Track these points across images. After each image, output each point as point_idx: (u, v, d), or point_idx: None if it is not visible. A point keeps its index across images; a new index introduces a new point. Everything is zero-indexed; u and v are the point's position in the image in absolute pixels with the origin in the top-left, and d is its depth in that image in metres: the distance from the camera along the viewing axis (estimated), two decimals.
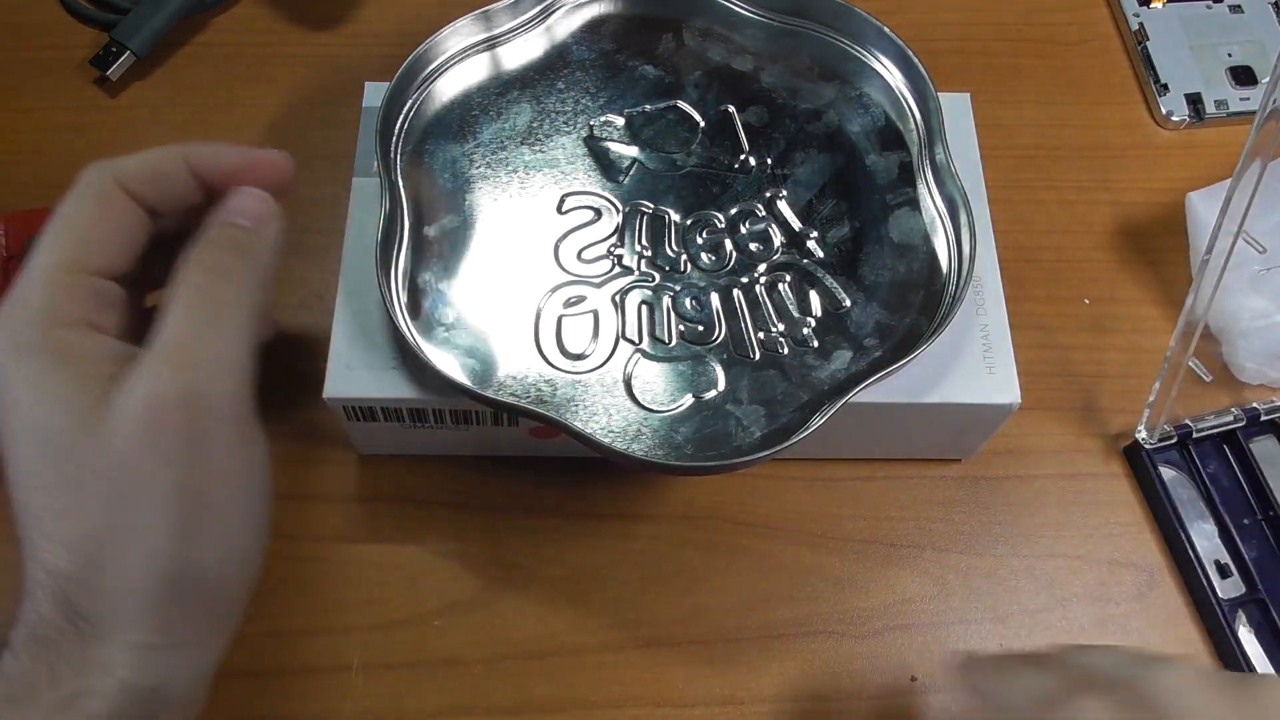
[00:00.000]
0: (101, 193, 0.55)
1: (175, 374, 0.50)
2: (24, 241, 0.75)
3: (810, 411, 0.62)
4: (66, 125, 0.85)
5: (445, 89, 0.72)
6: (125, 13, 0.86)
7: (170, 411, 0.50)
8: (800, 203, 0.69)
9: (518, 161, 0.70)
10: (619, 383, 0.64)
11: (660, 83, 0.73)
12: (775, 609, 0.70)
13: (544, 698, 0.68)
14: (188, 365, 0.51)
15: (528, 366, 0.64)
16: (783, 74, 0.74)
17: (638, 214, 0.69)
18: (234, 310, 0.54)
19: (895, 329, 0.66)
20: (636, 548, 0.72)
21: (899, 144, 0.71)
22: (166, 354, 0.50)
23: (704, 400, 0.63)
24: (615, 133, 0.71)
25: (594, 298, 0.66)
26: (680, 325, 0.65)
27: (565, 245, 0.67)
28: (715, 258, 0.68)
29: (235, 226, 0.57)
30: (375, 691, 0.67)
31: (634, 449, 0.62)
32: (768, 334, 0.65)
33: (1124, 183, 0.85)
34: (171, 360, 0.50)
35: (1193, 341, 0.69)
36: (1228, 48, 0.89)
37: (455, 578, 0.70)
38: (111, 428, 0.49)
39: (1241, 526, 0.73)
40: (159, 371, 0.50)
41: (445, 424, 0.68)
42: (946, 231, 0.68)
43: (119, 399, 0.49)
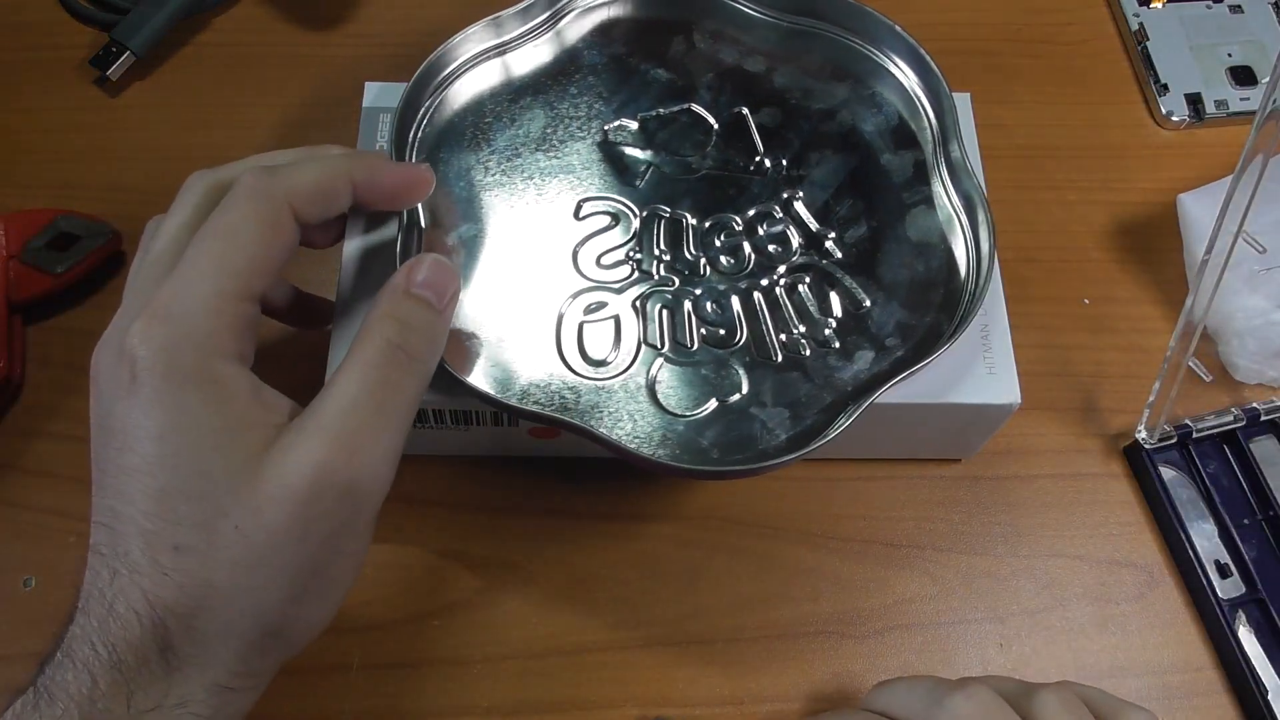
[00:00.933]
0: (274, 216, 0.53)
1: (343, 460, 0.49)
2: (24, 241, 0.75)
3: (835, 412, 0.62)
4: (66, 125, 0.84)
5: (458, 96, 0.71)
6: (125, 13, 0.85)
7: (329, 498, 0.49)
8: (817, 203, 0.69)
9: (533, 168, 0.69)
10: (643, 388, 0.63)
11: (673, 86, 0.73)
12: (775, 609, 0.71)
13: (544, 698, 0.68)
14: (356, 454, 0.50)
15: (550, 374, 0.63)
16: (795, 75, 0.74)
17: (655, 218, 0.68)
18: (410, 399, 0.53)
19: (916, 328, 0.66)
20: (637, 548, 0.72)
21: (913, 142, 0.71)
22: (338, 436, 0.49)
23: (728, 404, 0.63)
24: (629, 137, 0.71)
25: (615, 303, 0.66)
26: (702, 329, 0.65)
27: (584, 251, 0.67)
28: (734, 260, 0.67)
29: (421, 302, 0.55)
30: (375, 691, 0.67)
31: (659, 454, 0.61)
32: (789, 336, 0.65)
33: (1124, 183, 0.86)
34: (342, 445, 0.49)
35: (1192, 341, 0.69)
36: (1228, 48, 0.90)
37: (455, 578, 0.70)
38: (266, 491, 0.48)
39: (1241, 526, 0.73)
40: (327, 453, 0.49)
41: (445, 424, 0.67)
42: (964, 229, 0.68)
43: (280, 465, 0.48)
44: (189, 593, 0.47)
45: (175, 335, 0.49)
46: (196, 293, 0.50)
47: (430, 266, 0.56)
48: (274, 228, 0.53)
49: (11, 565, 0.69)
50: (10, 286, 0.74)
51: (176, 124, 0.85)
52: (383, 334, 0.53)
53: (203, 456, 0.48)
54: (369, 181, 0.58)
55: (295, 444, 0.49)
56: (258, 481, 0.48)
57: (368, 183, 0.58)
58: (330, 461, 0.49)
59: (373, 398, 0.51)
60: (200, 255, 0.51)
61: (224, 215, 0.52)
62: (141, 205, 0.79)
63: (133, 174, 0.82)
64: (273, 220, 0.53)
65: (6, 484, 0.71)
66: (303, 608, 0.51)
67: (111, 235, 0.77)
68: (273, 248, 0.53)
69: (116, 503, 0.48)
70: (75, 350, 0.75)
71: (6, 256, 0.74)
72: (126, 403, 0.49)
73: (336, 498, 0.49)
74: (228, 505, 0.48)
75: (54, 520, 0.70)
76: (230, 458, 0.48)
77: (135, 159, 0.83)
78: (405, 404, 0.53)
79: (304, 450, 0.49)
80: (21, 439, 0.73)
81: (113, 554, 0.48)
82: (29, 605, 0.68)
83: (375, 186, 0.58)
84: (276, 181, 0.54)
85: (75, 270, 0.76)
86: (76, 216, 0.77)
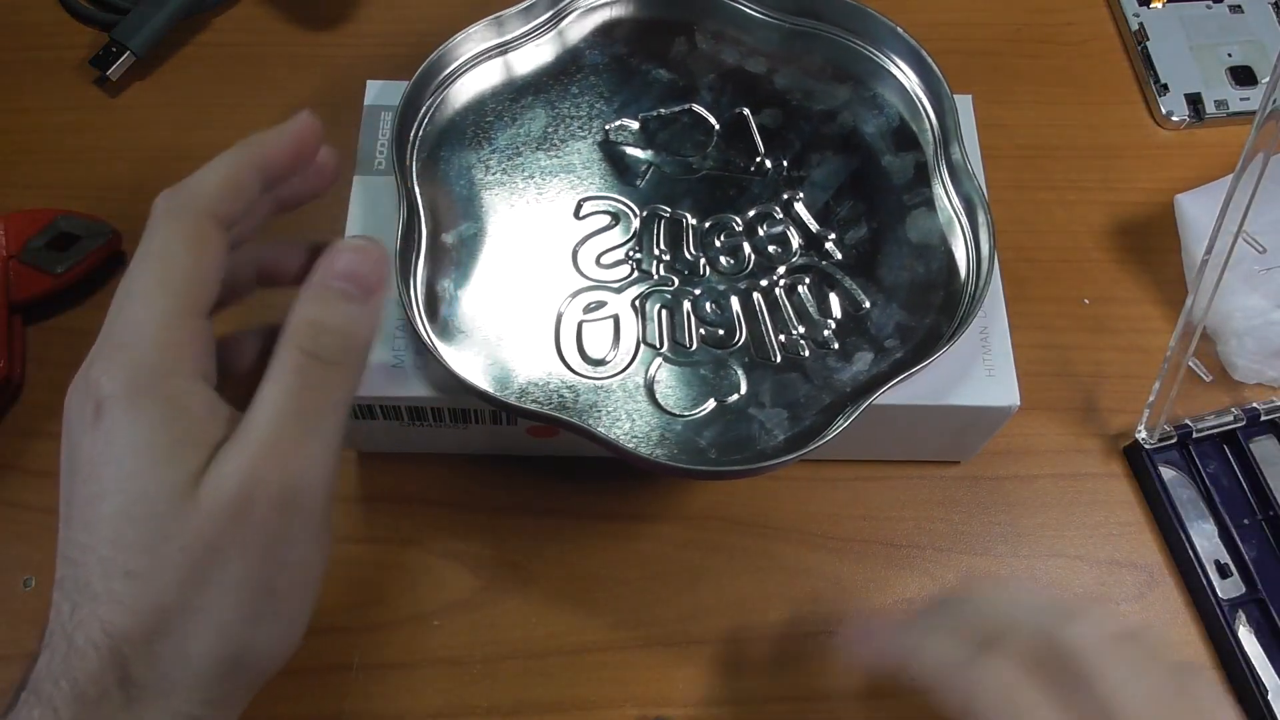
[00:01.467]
0: (195, 229, 0.52)
1: (269, 469, 0.49)
2: (24, 241, 0.75)
3: (833, 414, 0.62)
4: (66, 125, 0.85)
5: (459, 95, 0.72)
6: (125, 13, 0.86)
7: (260, 506, 0.48)
8: (817, 204, 0.69)
9: (533, 167, 0.70)
10: (641, 388, 0.63)
11: (674, 86, 0.73)
12: (775, 609, 0.71)
13: (544, 698, 0.68)
14: (282, 462, 0.49)
15: (549, 373, 0.63)
16: (796, 75, 0.74)
17: (655, 218, 0.68)
18: (334, 403, 0.52)
19: (915, 329, 0.66)
20: (637, 548, 0.72)
21: (914, 144, 0.71)
22: (263, 446, 0.49)
23: (727, 404, 0.63)
24: (630, 137, 0.71)
25: (614, 303, 0.66)
26: (701, 329, 0.65)
27: (584, 250, 0.67)
28: (734, 261, 0.68)
29: (339, 296, 0.53)
30: (375, 691, 0.67)
31: (657, 454, 0.61)
32: (789, 336, 0.65)
33: (1124, 183, 0.86)
34: (268, 454, 0.49)
35: (1192, 341, 0.69)
36: (1228, 48, 0.90)
37: (455, 578, 0.70)
38: (203, 507, 0.47)
39: (1241, 526, 0.73)
40: (255, 462, 0.48)
41: (444, 423, 0.67)
42: (964, 231, 0.68)
43: (214, 479, 0.48)
44: (142, 618, 0.47)
45: (134, 361, 0.49)
46: (144, 318, 0.50)
47: (350, 254, 0.54)
48: (199, 240, 0.52)
49: (11, 565, 0.69)
50: (10, 286, 0.74)
51: (176, 124, 0.85)
52: (294, 341, 0.52)
53: (149, 478, 0.48)
54: (270, 153, 0.56)
55: (227, 457, 0.48)
56: (196, 498, 0.48)
57: (270, 155, 0.55)
58: (258, 470, 0.48)
59: (293, 404, 0.50)
60: (136, 282, 0.51)
61: (150, 242, 0.52)
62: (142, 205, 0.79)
63: (133, 174, 0.82)
64: (196, 233, 0.52)
65: (6, 484, 0.71)
66: (259, 630, 0.50)
67: (111, 235, 0.77)
68: (205, 258, 0.52)
69: (81, 534, 0.48)
70: (75, 350, 0.73)
71: (6, 256, 0.74)
72: (91, 435, 0.48)
73: (269, 506, 0.49)
74: (170, 526, 0.47)
75: (54, 520, 0.69)
76: (174, 477, 0.48)
77: (135, 159, 0.83)
78: (331, 406, 0.52)
79: (233, 462, 0.48)
80: (21, 439, 0.73)
81: (74, 587, 0.48)
82: (29, 605, 0.68)
83: (277, 154, 0.56)
84: (186, 195, 0.53)
85: (75, 270, 0.76)
86: (76, 216, 0.77)
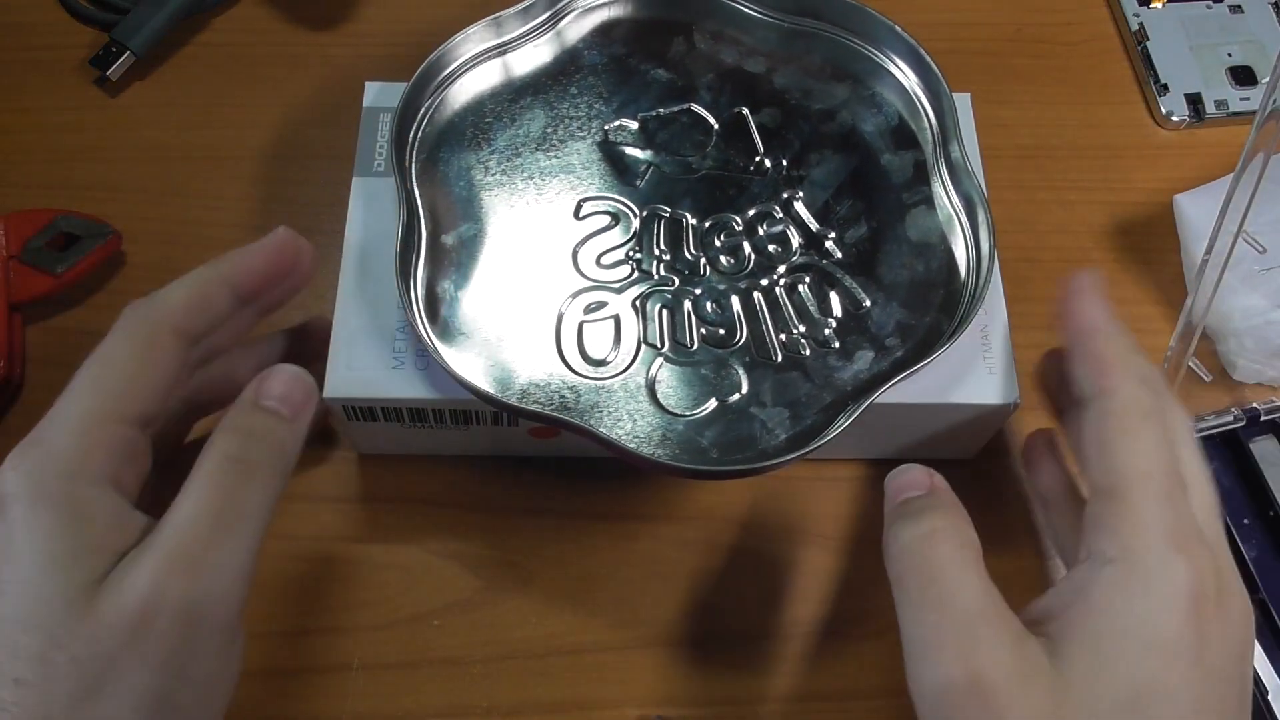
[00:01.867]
0: (147, 338, 0.53)
1: (176, 580, 0.48)
2: (24, 241, 0.75)
3: (834, 412, 0.62)
4: (66, 125, 0.84)
5: (458, 96, 0.72)
6: (125, 13, 0.85)
7: (163, 619, 0.47)
8: (817, 203, 0.69)
9: (533, 167, 0.70)
10: (642, 388, 0.63)
11: (673, 86, 0.73)
12: (776, 609, 0.71)
13: (544, 698, 0.68)
14: (190, 572, 0.48)
15: (550, 373, 0.63)
16: (795, 75, 0.74)
17: (655, 218, 0.68)
18: (252, 513, 0.52)
19: (916, 328, 0.66)
20: (637, 548, 0.72)
21: (913, 142, 0.71)
22: (171, 555, 0.48)
23: (728, 404, 0.63)
24: (630, 137, 0.71)
25: (615, 303, 0.66)
26: (702, 329, 0.65)
27: (584, 251, 0.67)
28: (734, 260, 0.67)
29: (269, 414, 0.54)
30: (375, 691, 0.67)
31: (659, 454, 0.61)
32: (789, 336, 0.65)
33: (1124, 183, 0.86)
34: (175, 564, 0.48)
35: (1192, 342, 0.69)
36: (1228, 48, 0.90)
37: (455, 578, 0.70)
38: (100, 617, 0.47)
39: (1241, 526, 0.73)
40: (160, 573, 0.48)
41: (445, 424, 0.67)
42: (964, 229, 0.68)
43: (115, 588, 0.47)
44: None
45: (41, 460, 0.49)
46: (65, 417, 0.50)
47: (282, 379, 0.55)
48: (149, 348, 0.53)
49: None
50: (10, 286, 0.74)
51: (176, 124, 0.85)
52: (221, 448, 0.52)
53: (43, 583, 0.47)
54: (242, 272, 0.57)
55: (132, 566, 0.48)
56: (92, 608, 0.47)
57: (242, 274, 0.57)
58: (163, 580, 0.47)
59: (210, 512, 0.50)
60: (74, 383, 0.51)
61: (101, 346, 0.53)
62: (141, 205, 0.80)
63: (133, 174, 0.82)
64: (147, 340, 0.53)
65: None
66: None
67: (111, 235, 0.77)
68: (150, 367, 0.52)
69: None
70: (75, 350, 0.74)
71: (6, 256, 0.75)
72: (2, 534, 0.48)
73: (172, 618, 0.48)
74: (61, 635, 0.46)
75: None
76: (70, 584, 0.47)
77: (135, 159, 0.83)
78: (249, 516, 0.52)
79: (138, 571, 0.47)
80: (21, 439, 0.73)
81: None
82: None
83: (250, 273, 0.57)
84: (150, 305, 0.54)
85: (75, 270, 0.75)
86: (76, 216, 0.77)
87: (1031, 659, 0.51)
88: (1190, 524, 0.53)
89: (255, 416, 0.54)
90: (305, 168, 0.82)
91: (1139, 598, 0.51)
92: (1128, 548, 0.52)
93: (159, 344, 0.53)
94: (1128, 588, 0.52)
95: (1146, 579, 0.51)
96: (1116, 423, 0.55)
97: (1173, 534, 0.52)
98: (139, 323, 0.53)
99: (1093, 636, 0.51)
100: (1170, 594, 0.51)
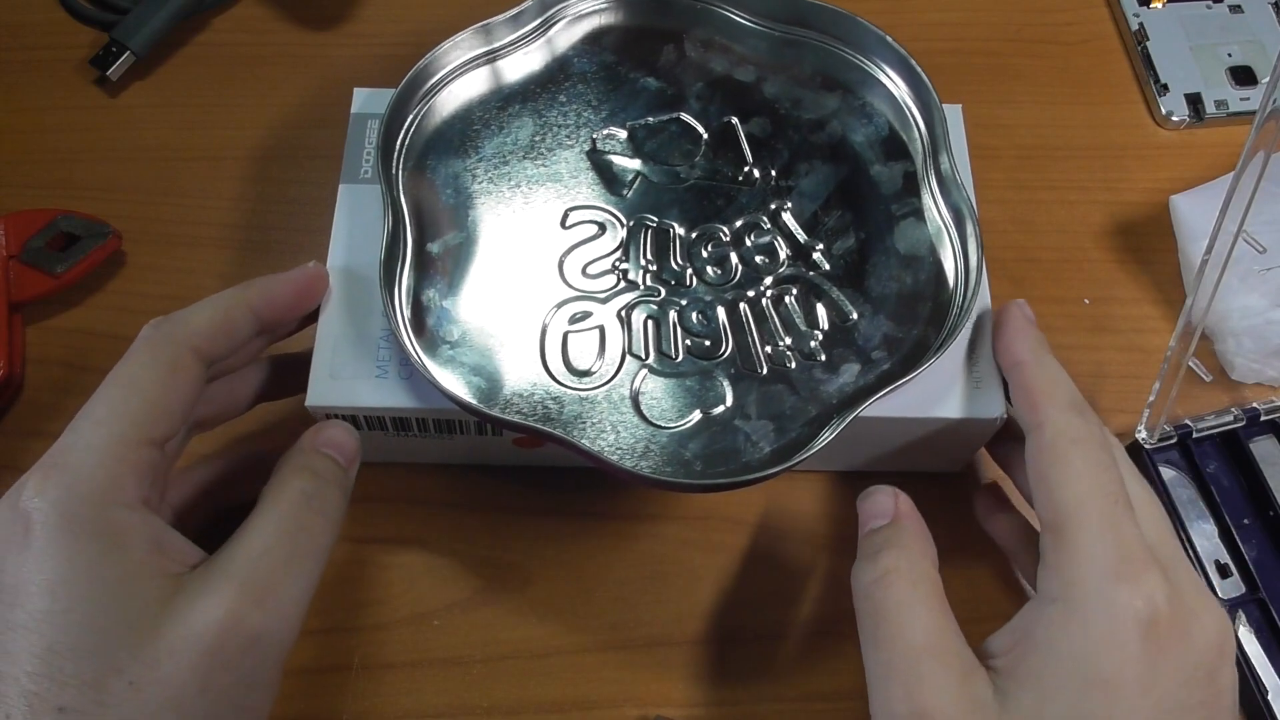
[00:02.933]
0: (172, 360, 0.53)
1: (250, 610, 0.48)
2: (24, 241, 0.75)
3: (819, 426, 0.62)
4: (66, 125, 0.85)
5: (446, 103, 0.72)
6: (125, 13, 0.86)
7: (233, 648, 0.48)
8: (805, 214, 0.69)
9: (520, 176, 0.69)
10: (626, 399, 0.63)
11: (662, 94, 0.73)
12: (775, 609, 0.71)
13: (544, 698, 0.68)
14: (263, 603, 0.49)
15: (534, 384, 0.63)
16: (785, 84, 0.73)
17: (642, 228, 0.68)
18: (319, 550, 0.53)
19: (903, 341, 0.65)
20: (636, 548, 0.72)
21: (903, 154, 0.71)
22: (245, 585, 0.49)
23: (712, 416, 0.63)
24: (618, 146, 0.71)
25: (600, 313, 0.66)
26: (687, 340, 0.65)
27: (570, 260, 0.67)
28: (721, 271, 0.67)
29: (332, 460, 0.56)
30: (375, 691, 0.67)
31: (642, 466, 0.61)
32: (775, 348, 0.65)
33: (1124, 183, 0.85)
34: (250, 594, 0.49)
35: (1192, 341, 0.69)
36: (1228, 48, 0.89)
37: (455, 578, 0.71)
38: (167, 644, 0.47)
39: (1241, 526, 0.73)
40: (234, 602, 0.48)
41: (428, 433, 0.67)
42: (953, 241, 0.68)
43: (184, 614, 0.48)
44: None
45: (69, 486, 0.49)
46: (91, 442, 0.50)
47: (338, 431, 0.58)
48: (173, 370, 0.53)
49: None
50: (10, 286, 0.75)
51: (176, 124, 0.85)
52: (298, 484, 0.53)
53: (95, 611, 0.47)
54: (267, 301, 0.58)
55: (201, 592, 0.48)
56: (157, 633, 0.47)
57: (266, 302, 0.58)
58: (238, 610, 0.48)
59: (286, 545, 0.51)
60: (97, 404, 0.51)
61: (123, 365, 0.53)
62: (141, 205, 0.80)
63: (133, 174, 0.83)
64: (171, 363, 0.53)
65: (7, 484, 0.71)
66: None
67: (111, 235, 0.77)
68: (173, 390, 0.53)
69: (1, 663, 0.47)
70: (75, 350, 0.75)
71: (6, 256, 0.75)
72: (19, 557, 0.48)
73: (241, 648, 0.48)
74: (122, 661, 0.46)
75: None
76: (126, 610, 0.47)
77: (135, 159, 0.83)
78: (317, 554, 0.53)
79: (211, 599, 0.48)
80: (21, 439, 0.74)
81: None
82: None
83: (274, 302, 0.59)
84: (174, 326, 0.55)
85: (75, 270, 0.76)
86: (76, 216, 0.77)
87: (977, 695, 0.52)
88: (1137, 547, 0.53)
89: (320, 460, 0.56)
90: (305, 168, 0.83)
91: (1079, 636, 0.51)
92: (1068, 584, 0.53)
93: (182, 365, 0.54)
94: (1068, 627, 0.52)
95: (1086, 616, 0.52)
96: (1049, 454, 0.56)
97: (1115, 563, 0.52)
98: (163, 343, 0.54)
99: (1036, 675, 0.52)
100: (1112, 629, 0.51)
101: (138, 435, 0.51)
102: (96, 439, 0.50)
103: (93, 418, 0.51)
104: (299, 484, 0.53)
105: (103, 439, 0.50)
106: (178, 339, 0.54)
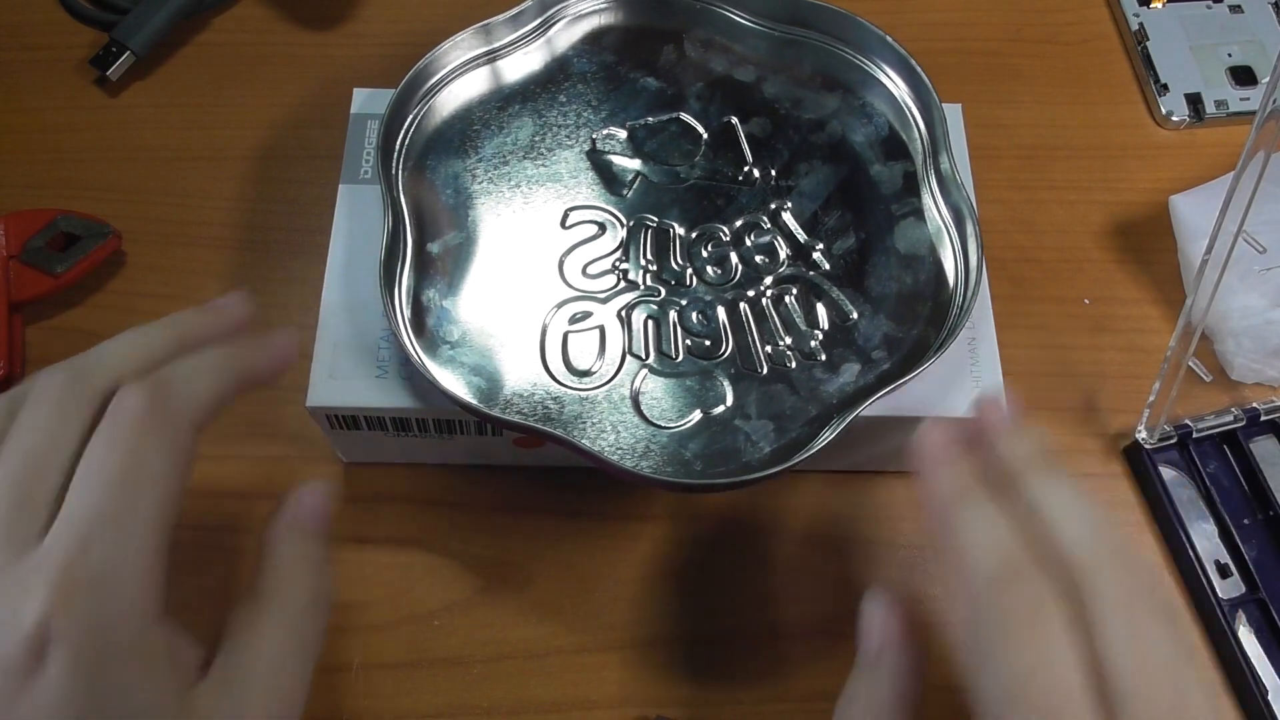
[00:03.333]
0: (185, 445, 0.49)
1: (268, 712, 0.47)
2: (24, 241, 0.75)
3: (820, 426, 0.62)
4: (66, 125, 0.85)
5: (446, 103, 0.72)
6: (125, 13, 0.86)
7: None
8: (805, 214, 0.69)
9: (520, 176, 0.70)
10: (626, 399, 0.63)
11: (662, 94, 0.73)
12: (776, 609, 0.71)
13: (544, 698, 0.68)
14: (281, 706, 0.48)
15: (534, 384, 0.63)
16: (785, 84, 0.73)
17: (642, 228, 0.68)
18: (321, 642, 0.52)
19: (903, 341, 0.65)
20: (636, 548, 0.72)
21: (903, 154, 0.71)
22: (268, 697, 0.48)
23: (712, 415, 0.63)
24: (618, 146, 0.71)
25: (600, 313, 0.66)
26: (687, 340, 0.65)
27: (570, 260, 0.67)
28: (721, 271, 0.67)
29: (322, 540, 0.54)
30: (375, 691, 0.67)
31: (642, 466, 0.61)
32: (775, 347, 0.65)
33: (1124, 183, 0.85)
34: (274, 708, 0.48)
35: (1192, 341, 0.69)
36: (1228, 48, 0.89)
37: (455, 578, 0.71)
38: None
39: (1241, 526, 0.73)
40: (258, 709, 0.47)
41: (429, 433, 0.67)
42: (953, 241, 0.68)
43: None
44: None
45: (108, 610, 0.44)
46: (126, 557, 0.45)
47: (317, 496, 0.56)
48: (185, 456, 0.49)
49: None
50: (10, 286, 0.75)
51: (176, 124, 0.85)
52: (306, 585, 0.52)
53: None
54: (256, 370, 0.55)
55: (219, 711, 0.46)
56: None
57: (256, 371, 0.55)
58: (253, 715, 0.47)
59: (299, 654, 0.50)
60: (125, 507, 0.45)
61: (136, 454, 0.46)
62: (141, 205, 0.80)
63: (133, 174, 0.83)
64: (185, 450, 0.49)
65: None
66: None
67: (111, 235, 0.77)
68: (184, 474, 0.48)
69: None
70: (75, 350, 0.75)
71: (6, 256, 0.75)
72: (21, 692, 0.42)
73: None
74: None
75: None
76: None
77: (135, 159, 0.83)
78: (319, 648, 0.52)
79: (232, 702, 0.46)
80: None
81: None
82: None
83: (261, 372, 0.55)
84: (178, 408, 0.49)
85: (75, 270, 0.76)
86: (76, 216, 0.77)
87: None
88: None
89: (318, 547, 0.54)
90: (305, 168, 0.82)
91: None
92: None
93: (189, 449, 0.49)
94: None
95: None
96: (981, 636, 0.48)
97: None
98: (171, 430, 0.48)
99: None
100: None
101: (165, 541, 0.46)
102: (129, 553, 0.45)
103: (119, 523, 0.45)
104: (308, 585, 0.52)
105: (135, 551, 0.45)
106: (183, 421, 0.49)
